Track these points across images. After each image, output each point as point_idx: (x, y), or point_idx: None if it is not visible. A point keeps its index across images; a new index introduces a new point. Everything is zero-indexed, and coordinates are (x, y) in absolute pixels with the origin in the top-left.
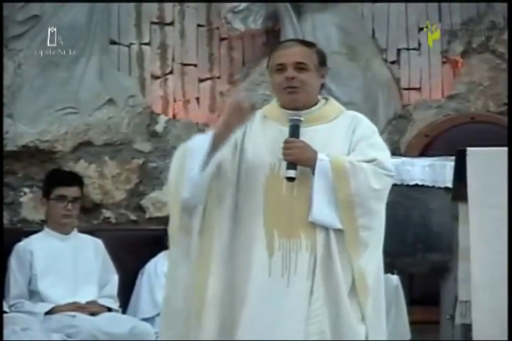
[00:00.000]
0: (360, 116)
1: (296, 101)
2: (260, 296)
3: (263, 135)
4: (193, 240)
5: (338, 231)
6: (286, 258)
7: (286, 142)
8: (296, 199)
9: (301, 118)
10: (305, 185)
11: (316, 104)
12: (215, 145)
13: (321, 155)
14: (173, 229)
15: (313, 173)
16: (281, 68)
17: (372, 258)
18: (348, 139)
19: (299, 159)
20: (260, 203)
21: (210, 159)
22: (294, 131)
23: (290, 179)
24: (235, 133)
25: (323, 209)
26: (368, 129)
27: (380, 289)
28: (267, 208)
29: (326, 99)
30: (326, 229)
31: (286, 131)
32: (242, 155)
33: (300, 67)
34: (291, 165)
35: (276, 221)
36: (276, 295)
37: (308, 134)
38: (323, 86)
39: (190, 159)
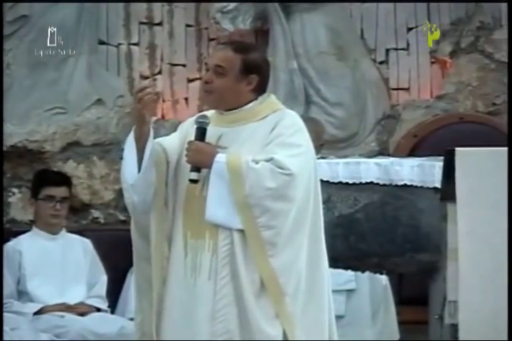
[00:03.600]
0: (287, 114)
1: (208, 104)
2: (175, 297)
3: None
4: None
5: (242, 232)
6: (194, 258)
7: (187, 144)
8: (205, 200)
9: (207, 121)
10: None
11: (247, 103)
12: (139, 141)
13: (218, 157)
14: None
15: None
16: (207, 69)
17: (282, 258)
18: (266, 137)
19: (194, 161)
20: (182, 204)
21: (141, 156)
22: (198, 133)
23: (192, 181)
24: (179, 137)
25: (217, 210)
26: (285, 128)
27: (316, 287)
28: (185, 209)
29: (265, 97)
30: (229, 229)
31: (212, 132)
32: (179, 158)
33: (218, 70)
34: (194, 167)
35: (190, 222)
36: (186, 296)
37: (231, 134)
38: (257, 91)
39: (126, 167)
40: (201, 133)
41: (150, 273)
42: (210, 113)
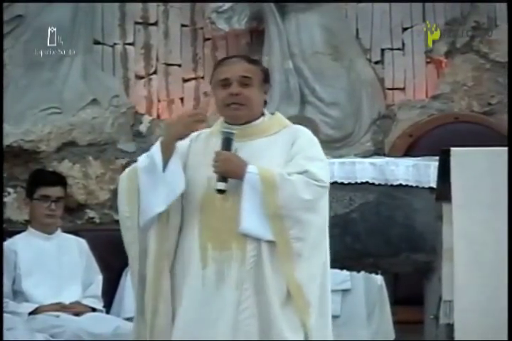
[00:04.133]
0: (302, 129)
1: (239, 117)
2: (193, 308)
3: (204, 151)
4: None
5: (271, 242)
6: (219, 270)
7: (215, 155)
8: (229, 211)
9: (234, 132)
10: (238, 197)
11: (258, 118)
12: (165, 153)
13: (250, 168)
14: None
15: None
16: (225, 83)
17: (306, 269)
18: (286, 152)
19: (225, 171)
20: (197, 216)
21: (166, 162)
22: (225, 143)
23: (220, 191)
24: (180, 151)
25: (251, 221)
26: (306, 142)
27: (325, 300)
28: (202, 221)
29: (272, 114)
30: (257, 240)
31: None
32: (185, 171)
33: (244, 82)
34: (221, 177)
35: (211, 233)
36: (209, 306)
37: (246, 148)
38: (266, 102)
39: (147, 173)
40: (228, 143)
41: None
42: (209, 131)
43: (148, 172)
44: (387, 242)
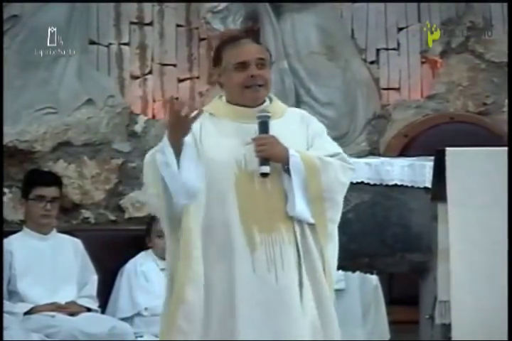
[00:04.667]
0: (307, 113)
1: (259, 98)
2: (248, 293)
3: (219, 133)
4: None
5: (311, 224)
6: (269, 252)
7: (258, 139)
8: (271, 193)
9: (269, 115)
10: (277, 179)
11: (265, 101)
12: (175, 147)
13: (291, 151)
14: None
15: (284, 168)
16: (242, 66)
17: (331, 250)
18: (303, 134)
19: (272, 155)
20: (233, 201)
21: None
22: (264, 127)
23: (264, 175)
24: (191, 134)
25: (301, 204)
26: (319, 126)
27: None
28: (242, 205)
29: (269, 97)
30: (301, 222)
31: (245, 127)
32: (202, 155)
33: (261, 63)
34: (264, 161)
35: (254, 216)
36: (265, 291)
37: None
38: None
39: (166, 167)
40: (266, 127)
41: None
42: (207, 113)
43: (169, 167)
44: (383, 242)
